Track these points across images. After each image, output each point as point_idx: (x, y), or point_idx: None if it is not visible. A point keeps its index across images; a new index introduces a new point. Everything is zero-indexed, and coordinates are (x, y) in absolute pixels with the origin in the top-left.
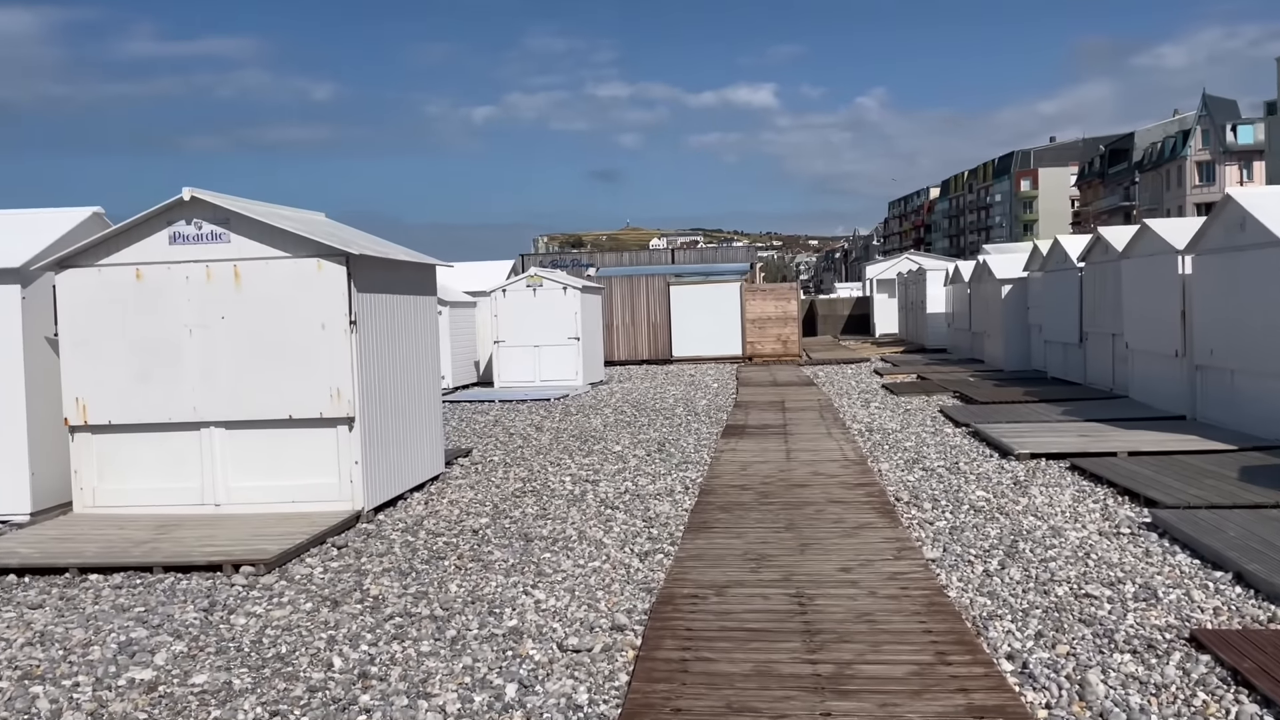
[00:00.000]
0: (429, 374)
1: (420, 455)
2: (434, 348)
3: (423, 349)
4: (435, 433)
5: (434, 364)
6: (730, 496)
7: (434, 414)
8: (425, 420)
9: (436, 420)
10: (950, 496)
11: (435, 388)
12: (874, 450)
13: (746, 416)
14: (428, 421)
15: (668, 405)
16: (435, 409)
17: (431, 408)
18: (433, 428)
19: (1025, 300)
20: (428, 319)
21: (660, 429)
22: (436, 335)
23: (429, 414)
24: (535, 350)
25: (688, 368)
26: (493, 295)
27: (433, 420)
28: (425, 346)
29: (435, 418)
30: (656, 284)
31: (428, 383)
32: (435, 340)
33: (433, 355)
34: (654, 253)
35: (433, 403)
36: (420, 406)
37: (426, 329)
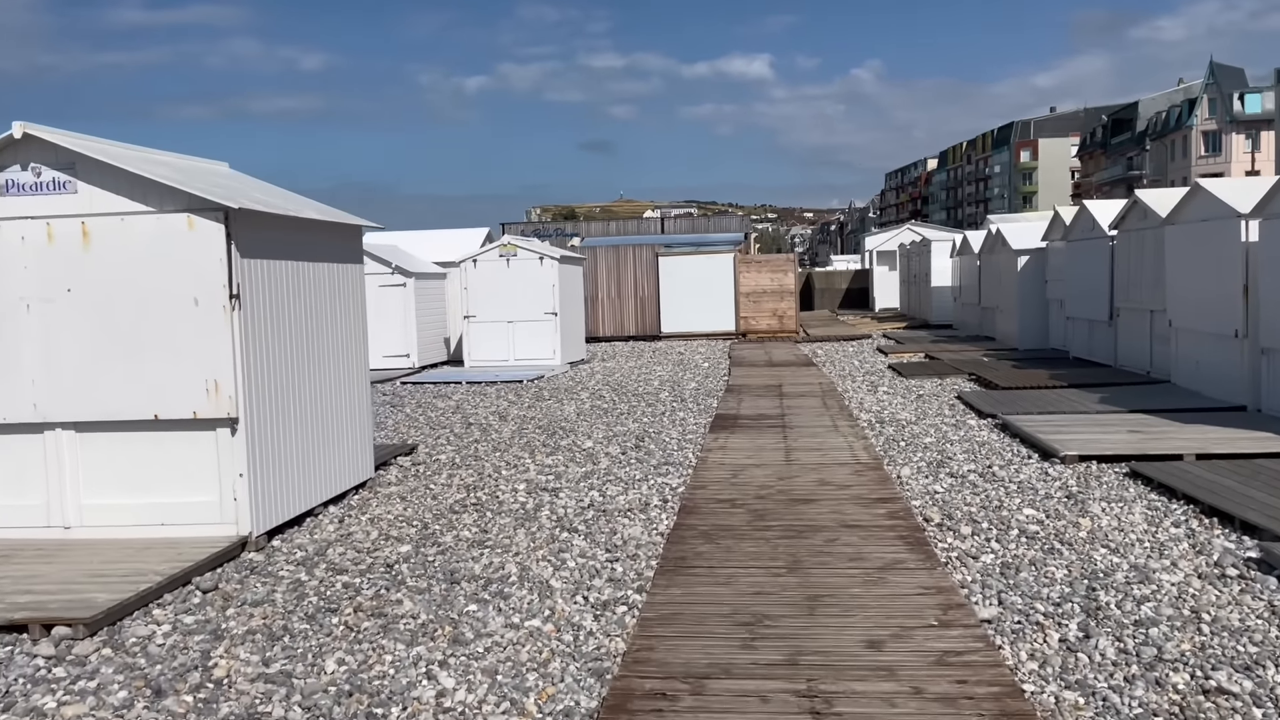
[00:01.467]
0: (353, 360)
1: (338, 461)
2: (360, 327)
3: (345, 329)
4: (361, 431)
5: (360, 347)
6: (717, 517)
7: (360, 409)
8: (347, 417)
9: (363, 416)
10: (992, 516)
11: (362, 376)
12: (889, 448)
13: (739, 404)
14: (351, 418)
15: (651, 389)
16: (362, 402)
17: (356, 401)
18: (357, 426)
19: (1043, 273)
20: (352, 292)
21: (640, 419)
22: (363, 311)
23: (352, 409)
24: (509, 326)
25: (677, 345)
26: (462, 266)
27: (358, 416)
28: (348, 326)
29: (362, 413)
30: (644, 255)
31: (351, 371)
32: (361, 317)
33: (358, 336)
34: (642, 222)
35: (358, 395)
36: (340, 400)
37: (350, 304)
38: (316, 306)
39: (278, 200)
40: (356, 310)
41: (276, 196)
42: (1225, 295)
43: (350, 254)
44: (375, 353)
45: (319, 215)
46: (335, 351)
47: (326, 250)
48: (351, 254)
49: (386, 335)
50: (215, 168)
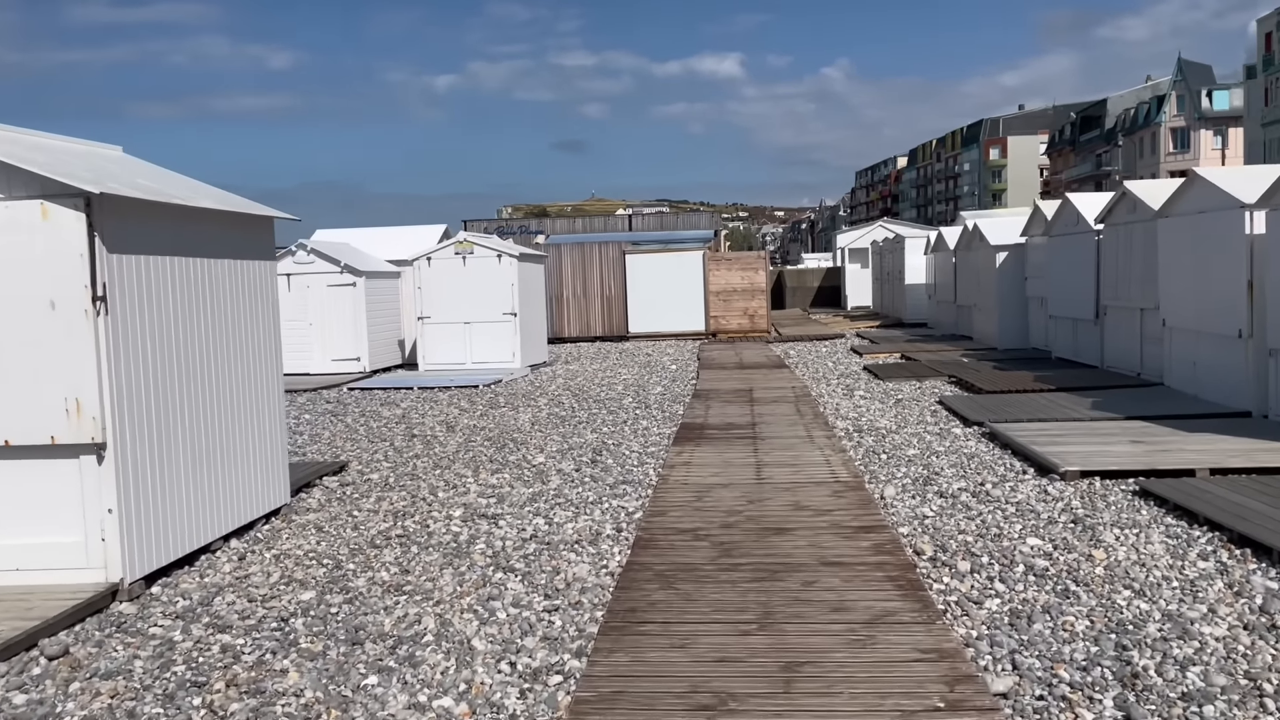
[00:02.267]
0: (263, 370)
1: (242, 487)
2: (272, 332)
3: (251, 335)
4: (273, 452)
5: (272, 355)
6: (677, 552)
7: (271, 426)
8: (254, 437)
9: (275, 434)
10: (992, 548)
11: (274, 389)
12: (869, 462)
13: (707, 411)
14: (260, 438)
15: (615, 394)
16: (274, 419)
17: (267, 418)
18: (269, 446)
19: (1023, 269)
20: (261, 292)
21: (600, 428)
22: (275, 314)
23: (262, 427)
24: (466, 328)
25: (644, 346)
26: (415, 264)
27: (269, 435)
28: (257, 331)
29: (273, 431)
30: (611, 252)
31: (260, 383)
32: (273, 321)
33: (269, 343)
34: (610, 219)
35: (269, 410)
36: (244, 418)
37: (259, 306)
38: (214, 310)
39: (167, 187)
40: (267, 313)
41: (172, 185)
42: (1227, 292)
43: (258, 249)
44: (324, 357)
45: (217, 204)
46: (238, 361)
47: (227, 245)
48: (260, 249)
49: (336, 338)
50: (103, 151)
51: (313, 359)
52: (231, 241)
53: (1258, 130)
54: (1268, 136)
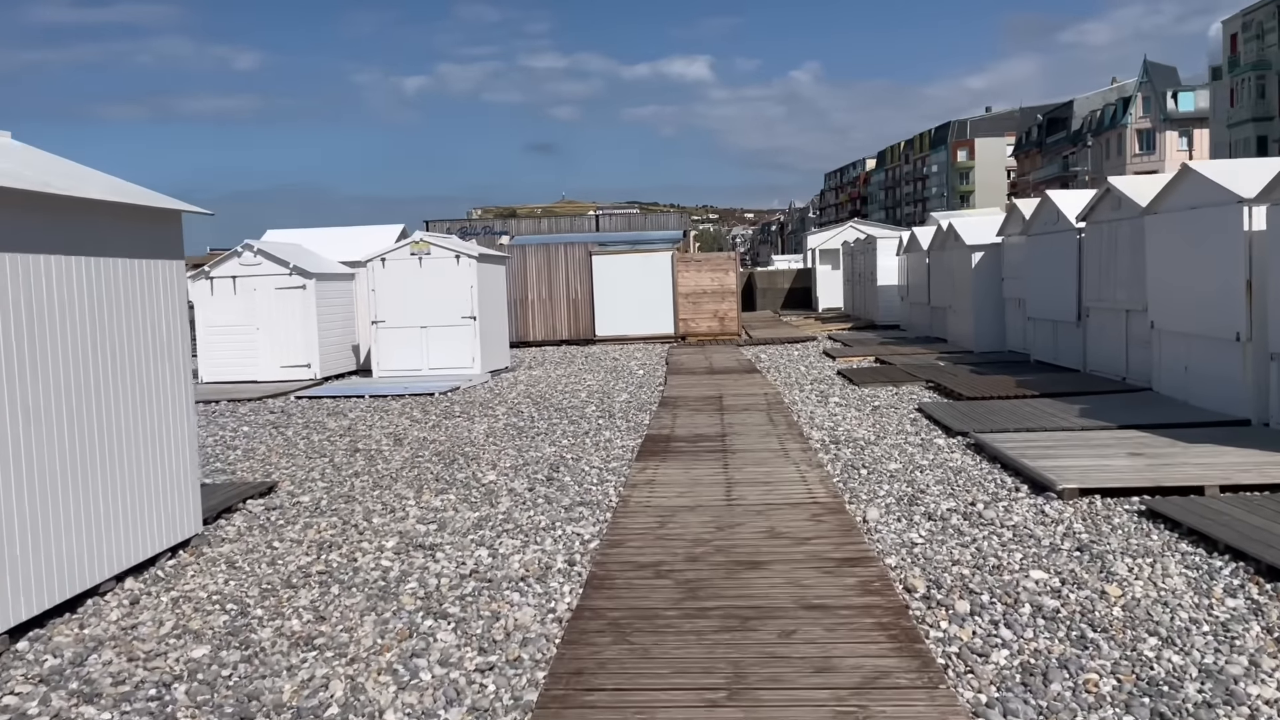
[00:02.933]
0: (166, 384)
1: (140, 518)
2: (178, 341)
3: (151, 344)
4: (181, 476)
5: (178, 367)
6: (636, 593)
7: (178, 447)
8: (155, 460)
9: (183, 456)
10: (992, 583)
11: (181, 405)
12: (849, 478)
13: (674, 420)
14: (162, 461)
15: (578, 402)
16: (180, 439)
17: (172, 438)
18: (175, 469)
19: (1000, 270)
20: (164, 295)
21: (559, 441)
22: (182, 320)
23: (165, 449)
24: (422, 332)
25: (612, 350)
26: (369, 265)
27: (174, 457)
28: (158, 340)
29: (180, 452)
30: (577, 254)
31: (163, 399)
32: (180, 328)
33: (174, 354)
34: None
35: (175, 429)
36: (141, 439)
37: (162, 312)
38: (104, 315)
39: (50, 176)
40: (173, 319)
41: (57, 173)
42: (1223, 293)
43: (161, 246)
44: (272, 363)
45: (106, 195)
46: (136, 374)
47: (122, 242)
48: (163, 246)
49: (285, 344)
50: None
51: (260, 366)
52: (127, 238)
53: (1223, 132)
54: (1233, 138)
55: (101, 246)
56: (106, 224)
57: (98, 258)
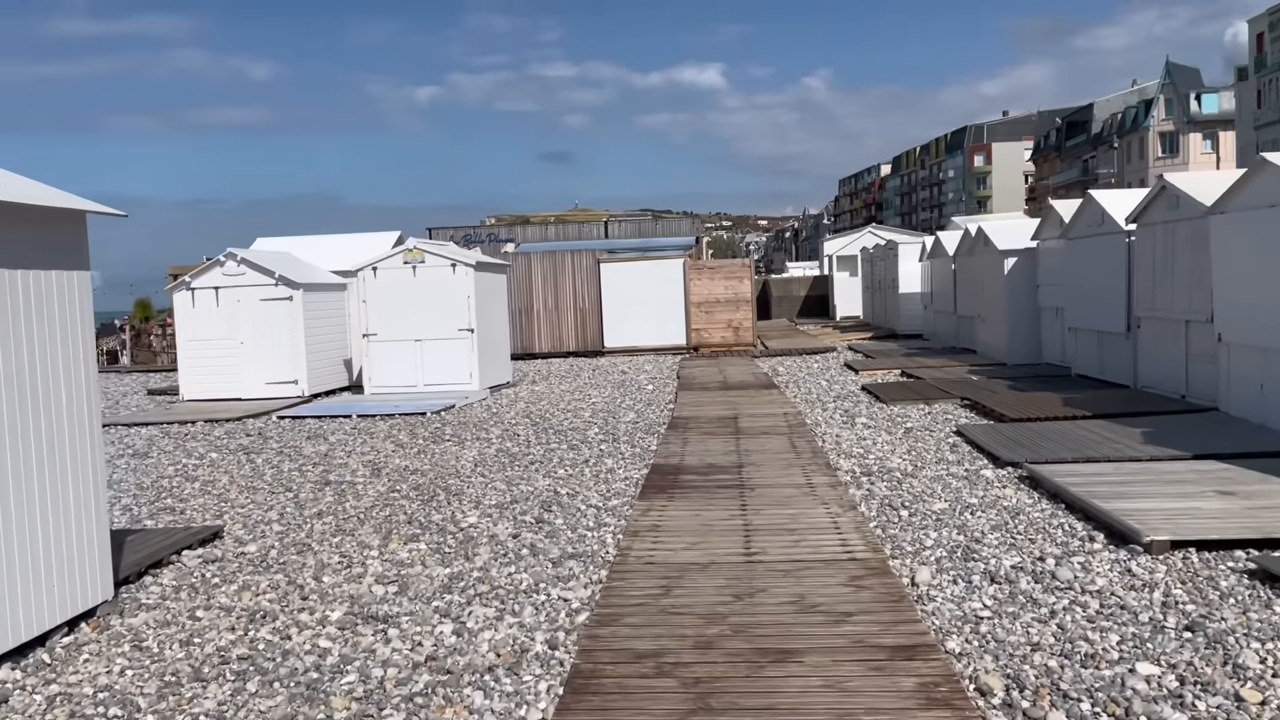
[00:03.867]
0: (61, 418)
1: (22, 587)
2: (79, 365)
3: (40, 371)
4: (81, 530)
5: (80, 397)
6: (630, 702)
7: (76, 493)
8: (43, 512)
9: (86, 504)
10: (1089, 680)
11: (81, 441)
12: (887, 522)
13: (685, 445)
14: (54, 513)
15: (580, 423)
16: (81, 483)
17: (70, 482)
18: (72, 522)
19: (1035, 276)
20: (61, 312)
21: (555, 471)
22: (83, 340)
23: (58, 497)
24: (417, 346)
25: (621, 362)
26: (360, 275)
27: (72, 507)
28: (52, 366)
29: (81, 500)
30: (584, 261)
31: (56, 435)
32: (81, 350)
33: (72, 381)
34: (584, 226)
35: (74, 471)
36: (24, 485)
37: (59, 332)
38: None
39: None
40: (72, 339)
41: None
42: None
43: (56, 254)
44: (256, 380)
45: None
46: (18, 412)
47: (5, 248)
48: (59, 254)
49: (270, 358)
50: None
51: (243, 382)
52: (13, 244)
53: (1250, 133)
54: (1261, 139)
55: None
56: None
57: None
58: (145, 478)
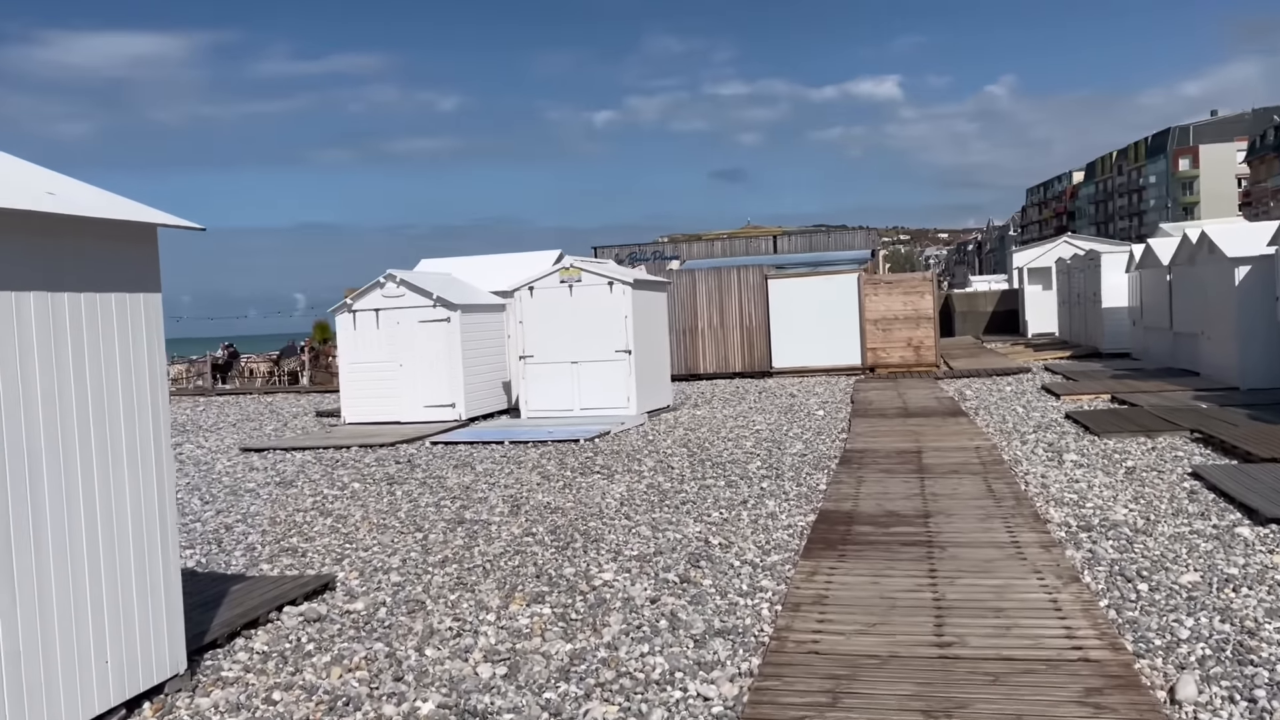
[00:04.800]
0: (129, 462)
1: (76, 663)
2: (151, 402)
3: (107, 412)
4: (147, 595)
5: (150, 440)
6: None
7: (149, 552)
8: (102, 579)
9: (154, 564)
10: None
11: (151, 488)
12: (1120, 598)
13: (859, 487)
14: (113, 581)
15: (741, 454)
16: (149, 537)
17: (134, 537)
18: (134, 586)
19: (1274, 287)
20: (130, 344)
21: (708, 513)
22: (155, 374)
23: (125, 559)
24: (573, 368)
25: (790, 383)
26: (516, 295)
27: (136, 568)
28: (115, 404)
29: (148, 558)
30: (752, 277)
31: (122, 481)
32: (153, 385)
33: (145, 421)
34: (751, 241)
35: (141, 524)
36: (79, 550)
37: (127, 364)
38: (21, 373)
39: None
40: (144, 374)
41: None
42: None
43: (123, 274)
44: (414, 403)
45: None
46: (75, 455)
47: (54, 268)
48: (127, 275)
49: (428, 381)
50: None
51: (403, 405)
52: (64, 262)
53: None
54: None
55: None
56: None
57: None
58: (281, 510)
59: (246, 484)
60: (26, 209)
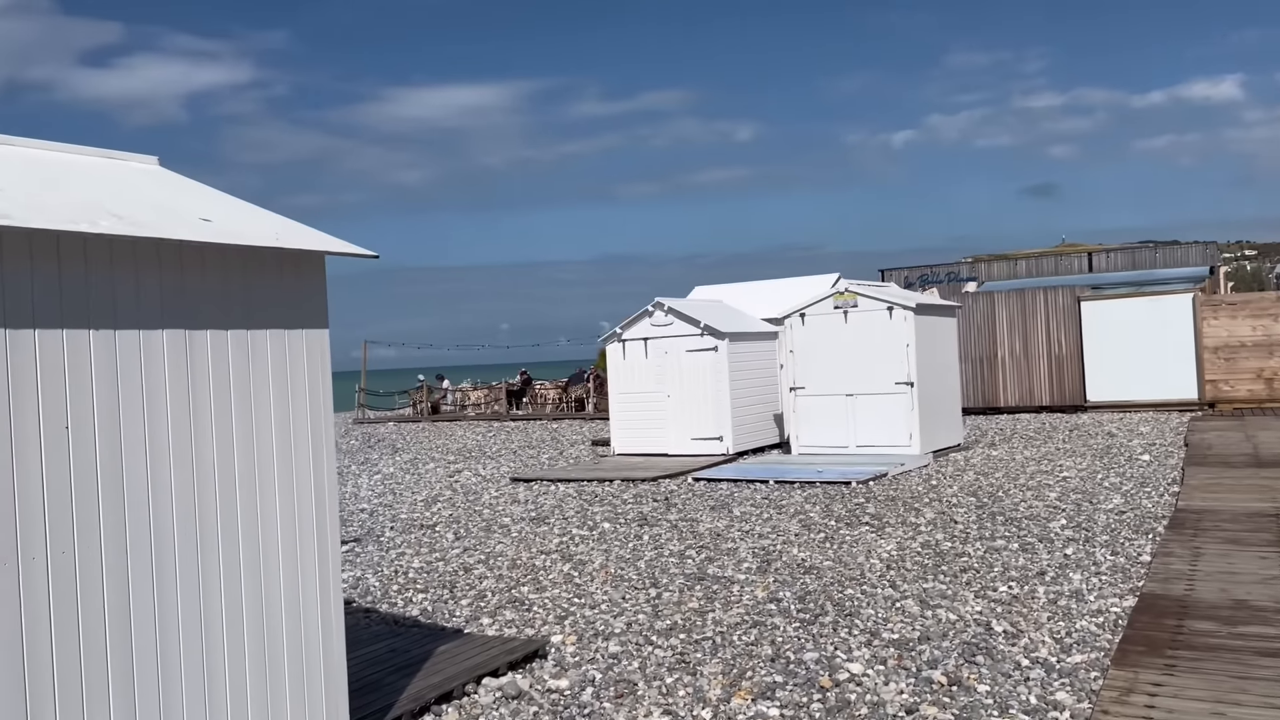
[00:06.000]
0: (293, 523)
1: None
2: (320, 453)
3: (273, 463)
4: (315, 669)
5: (321, 497)
6: None
7: (310, 623)
8: (265, 654)
9: (318, 640)
10: None
11: (314, 552)
12: None
13: (1194, 563)
14: (279, 655)
15: (1042, 508)
16: (315, 617)
17: (296, 610)
18: (299, 660)
19: None
20: (296, 386)
21: (991, 587)
22: (321, 424)
23: (298, 629)
24: (848, 401)
25: (1107, 420)
26: (787, 323)
27: (300, 645)
28: (288, 454)
29: (315, 637)
30: (1061, 299)
31: (283, 545)
32: (319, 431)
33: (313, 476)
34: (1060, 260)
35: (307, 597)
36: (243, 617)
37: (291, 412)
38: (175, 424)
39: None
40: (308, 423)
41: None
42: None
43: (287, 309)
44: (681, 435)
45: (169, 231)
46: (232, 516)
47: (213, 302)
48: (291, 308)
49: (695, 413)
50: (128, 164)
51: (669, 438)
52: (230, 293)
53: None
54: None
55: (185, 315)
56: (203, 278)
57: (182, 330)
58: (525, 551)
59: (502, 519)
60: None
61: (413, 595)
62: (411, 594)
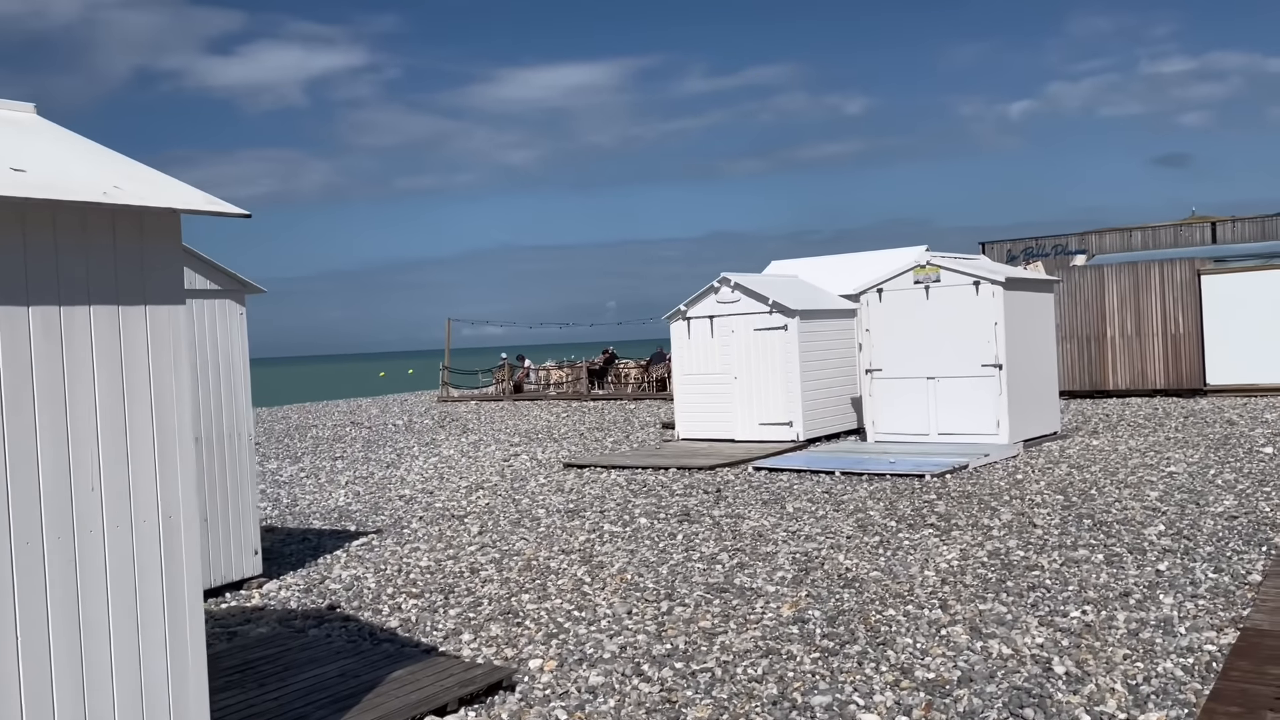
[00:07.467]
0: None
1: None
2: (171, 453)
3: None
4: None
5: (174, 537)
6: None
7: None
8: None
9: (165, 657)
10: None
11: (162, 595)
12: None
13: None
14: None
15: (1139, 510)
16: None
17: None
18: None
19: None
20: (146, 370)
21: (1063, 613)
22: (184, 415)
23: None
24: (929, 385)
25: (1229, 406)
26: (864, 299)
27: (152, 654)
28: (122, 456)
29: (160, 653)
30: (1178, 273)
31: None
32: (177, 430)
33: (162, 504)
34: (1180, 230)
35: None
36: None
37: (132, 400)
38: None
39: None
40: (155, 422)
41: None
42: None
43: (121, 278)
44: (749, 420)
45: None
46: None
47: (27, 270)
48: (128, 279)
49: (763, 396)
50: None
51: (736, 422)
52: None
53: None
54: None
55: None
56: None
57: None
58: (544, 550)
59: (536, 510)
60: None
61: (403, 601)
62: (403, 600)
